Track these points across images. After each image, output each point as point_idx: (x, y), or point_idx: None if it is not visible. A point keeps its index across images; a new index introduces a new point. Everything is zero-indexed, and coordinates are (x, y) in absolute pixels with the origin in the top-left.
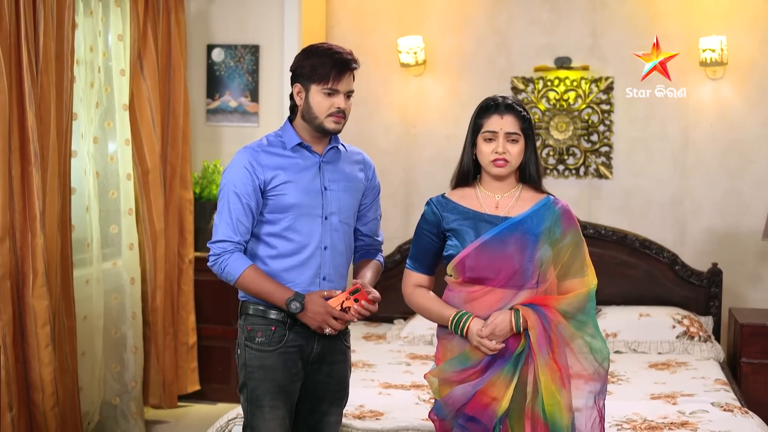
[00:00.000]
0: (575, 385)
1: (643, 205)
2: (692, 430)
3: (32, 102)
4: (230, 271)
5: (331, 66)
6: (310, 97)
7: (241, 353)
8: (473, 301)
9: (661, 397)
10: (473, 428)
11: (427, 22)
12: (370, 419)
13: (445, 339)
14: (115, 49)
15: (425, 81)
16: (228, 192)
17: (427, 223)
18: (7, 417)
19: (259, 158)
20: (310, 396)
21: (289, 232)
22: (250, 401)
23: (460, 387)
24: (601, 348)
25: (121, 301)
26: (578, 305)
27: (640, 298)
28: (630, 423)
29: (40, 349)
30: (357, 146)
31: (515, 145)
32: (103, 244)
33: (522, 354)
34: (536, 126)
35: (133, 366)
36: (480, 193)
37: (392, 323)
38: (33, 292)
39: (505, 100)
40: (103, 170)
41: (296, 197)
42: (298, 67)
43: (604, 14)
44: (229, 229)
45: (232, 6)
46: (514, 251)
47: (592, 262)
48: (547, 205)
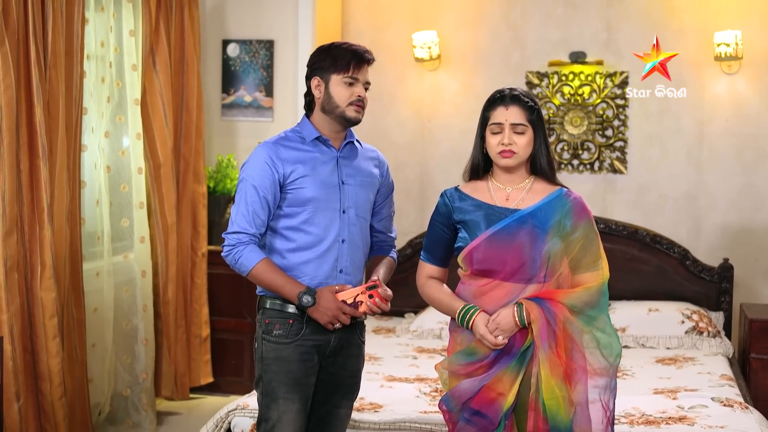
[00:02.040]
0: (579, 379)
1: (658, 200)
2: (689, 424)
3: (40, 97)
4: (244, 263)
5: (351, 56)
6: (330, 87)
7: (258, 346)
8: (482, 296)
9: (664, 392)
10: (479, 422)
11: (443, 17)
12: (369, 411)
13: (455, 332)
14: (126, 45)
15: (440, 76)
16: (246, 185)
17: (440, 214)
18: (15, 407)
19: (278, 152)
20: (323, 388)
21: (307, 225)
22: (265, 393)
23: (467, 381)
24: (611, 344)
25: (132, 294)
26: (588, 299)
27: (651, 294)
28: (628, 417)
29: (48, 340)
30: (372, 141)
31: (522, 137)
32: (114, 237)
33: (528, 350)
34: (551, 121)
35: (144, 358)
36: (491, 186)
37: (403, 317)
38: (41, 284)
39: (512, 92)
40: (114, 164)
41: (314, 191)
42: (317, 61)
43: (619, 9)
44: (245, 221)
45: (247, 1)
46: (523, 244)
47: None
48: (558, 197)
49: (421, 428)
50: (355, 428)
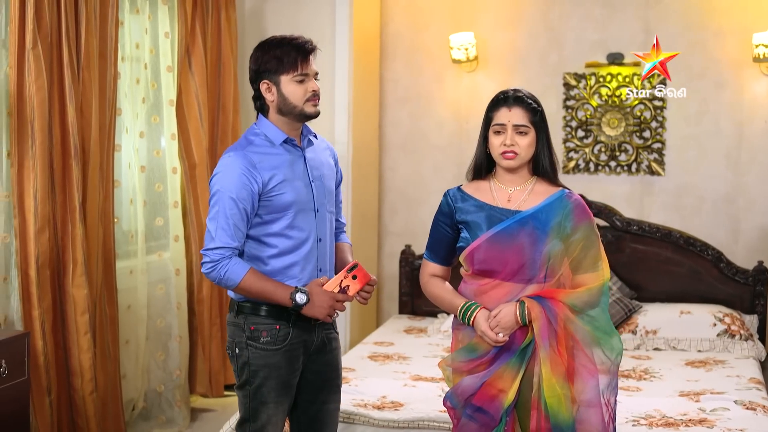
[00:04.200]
0: (580, 378)
1: (696, 202)
2: (708, 427)
3: (72, 98)
4: (231, 277)
5: (296, 53)
6: (282, 88)
7: (242, 352)
8: (483, 295)
9: (690, 394)
10: (481, 419)
11: (480, 18)
12: (389, 410)
13: (457, 330)
14: (162, 46)
15: (478, 77)
16: (223, 197)
17: (442, 214)
18: (46, 401)
19: (252, 160)
20: (308, 387)
21: (289, 230)
22: (254, 398)
23: (468, 378)
24: (613, 343)
25: (166, 292)
26: (588, 300)
27: (685, 296)
28: (648, 419)
29: (80, 336)
30: (410, 142)
31: (524, 138)
32: (148, 236)
33: (529, 347)
34: (588, 122)
35: (177, 355)
36: (494, 186)
37: (436, 317)
38: (72, 281)
39: (515, 93)
40: (149, 164)
41: (293, 195)
42: (261, 64)
43: (658, 9)
44: (226, 236)
45: (286, 3)
46: (523, 245)
47: (634, 258)
48: (559, 199)
49: (440, 426)
50: (373, 426)
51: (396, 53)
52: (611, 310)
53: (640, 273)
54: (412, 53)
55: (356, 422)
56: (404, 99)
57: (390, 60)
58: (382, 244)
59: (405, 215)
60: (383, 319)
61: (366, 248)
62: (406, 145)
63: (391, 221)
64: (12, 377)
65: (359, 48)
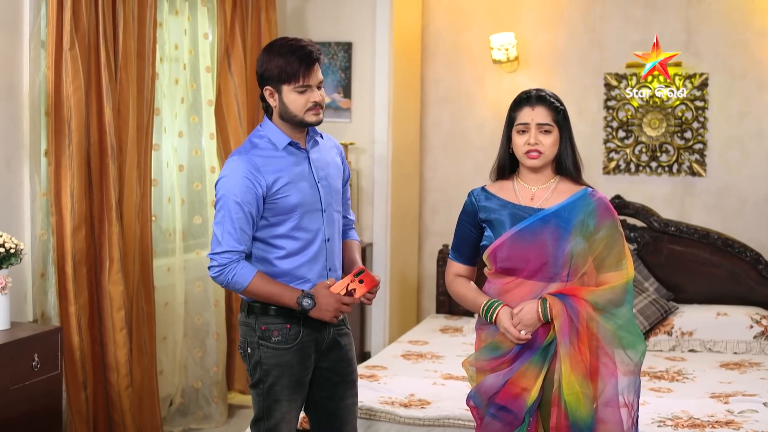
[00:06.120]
0: (603, 378)
1: (738, 203)
2: (735, 428)
3: (110, 98)
4: (239, 281)
5: (298, 63)
6: (284, 97)
7: (253, 352)
8: (506, 293)
9: (720, 396)
10: (504, 417)
11: (522, 19)
12: (416, 408)
13: (480, 329)
14: (201, 47)
15: (518, 77)
16: (228, 201)
17: (466, 213)
18: (82, 395)
19: (256, 164)
20: (324, 384)
21: (296, 231)
22: (267, 396)
23: (491, 376)
24: (635, 342)
25: (204, 289)
26: (612, 298)
27: (723, 297)
28: (674, 420)
29: (116, 332)
30: (451, 142)
31: (548, 136)
32: (186, 234)
33: (551, 345)
34: (629, 123)
35: (215, 352)
36: (517, 185)
37: (472, 316)
38: (109, 278)
39: (538, 93)
40: (187, 163)
41: (299, 197)
42: (265, 71)
43: (699, 9)
44: (233, 240)
45: (327, 4)
46: (546, 242)
47: (672, 259)
48: (582, 197)
49: (464, 425)
50: (399, 423)
51: (437, 53)
52: (647, 311)
53: (677, 274)
54: (453, 53)
55: (381, 419)
56: (445, 99)
57: (431, 60)
58: (422, 244)
59: (446, 215)
60: (423, 318)
61: (407, 247)
62: (447, 146)
63: (431, 221)
64: (45, 371)
65: (400, 48)
